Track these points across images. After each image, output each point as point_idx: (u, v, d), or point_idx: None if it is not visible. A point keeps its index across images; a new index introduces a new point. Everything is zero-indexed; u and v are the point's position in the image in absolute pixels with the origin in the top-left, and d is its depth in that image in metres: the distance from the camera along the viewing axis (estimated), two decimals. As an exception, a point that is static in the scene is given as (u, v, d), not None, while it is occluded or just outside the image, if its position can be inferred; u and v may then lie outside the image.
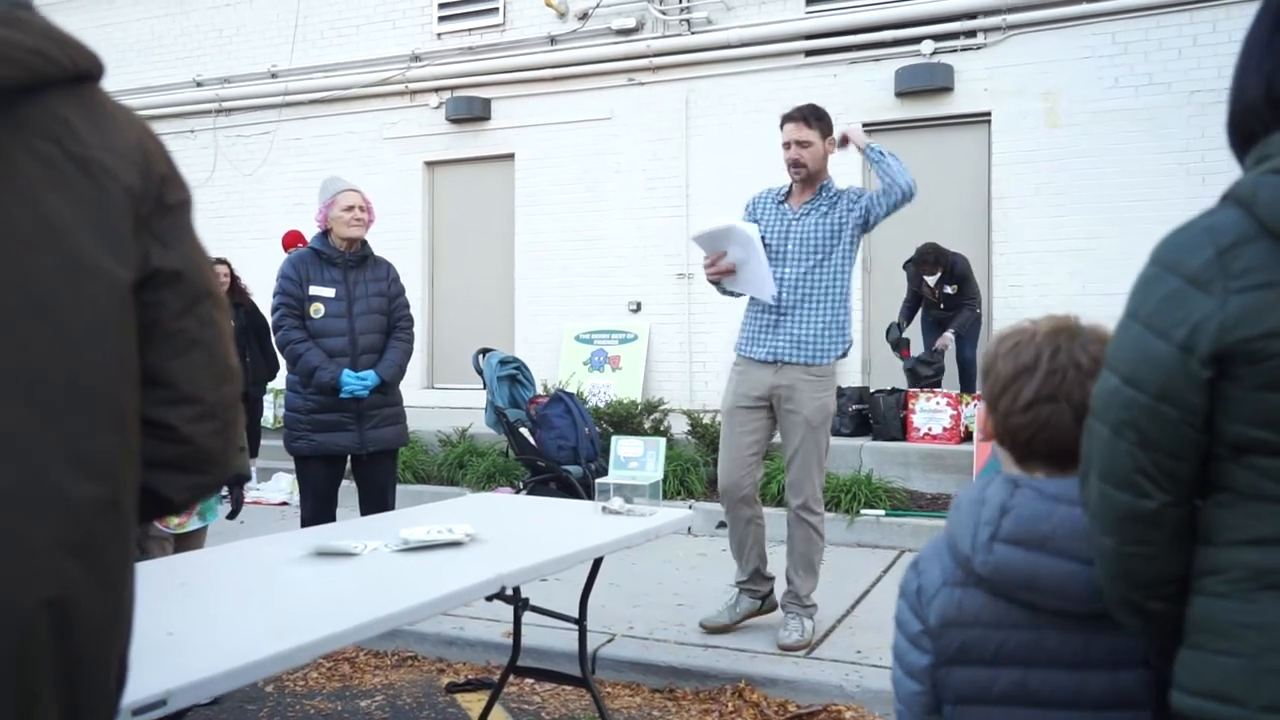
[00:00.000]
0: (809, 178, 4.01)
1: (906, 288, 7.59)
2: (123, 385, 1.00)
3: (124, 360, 1.00)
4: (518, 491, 6.15)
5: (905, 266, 7.53)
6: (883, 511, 5.85)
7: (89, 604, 0.94)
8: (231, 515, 3.56)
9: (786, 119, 4.02)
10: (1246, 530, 1.11)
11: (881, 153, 3.93)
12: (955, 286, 7.35)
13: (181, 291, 1.06)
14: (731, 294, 4.11)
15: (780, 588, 4.14)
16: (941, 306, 7.42)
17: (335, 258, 4.19)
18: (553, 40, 9.45)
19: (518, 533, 2.89)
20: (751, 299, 4.07)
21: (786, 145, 3.99)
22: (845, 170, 8.48)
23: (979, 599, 1.34)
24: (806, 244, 3.97)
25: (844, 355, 4.07)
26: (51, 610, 0.90)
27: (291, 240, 7.78)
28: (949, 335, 7.28)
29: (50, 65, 0.95)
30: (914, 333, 7.70)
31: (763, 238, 3.99)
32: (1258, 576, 1.09)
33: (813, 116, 4.00)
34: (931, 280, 7.36)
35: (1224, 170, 6.44)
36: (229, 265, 7.32)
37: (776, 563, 4.18)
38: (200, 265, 1.10)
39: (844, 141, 4.02)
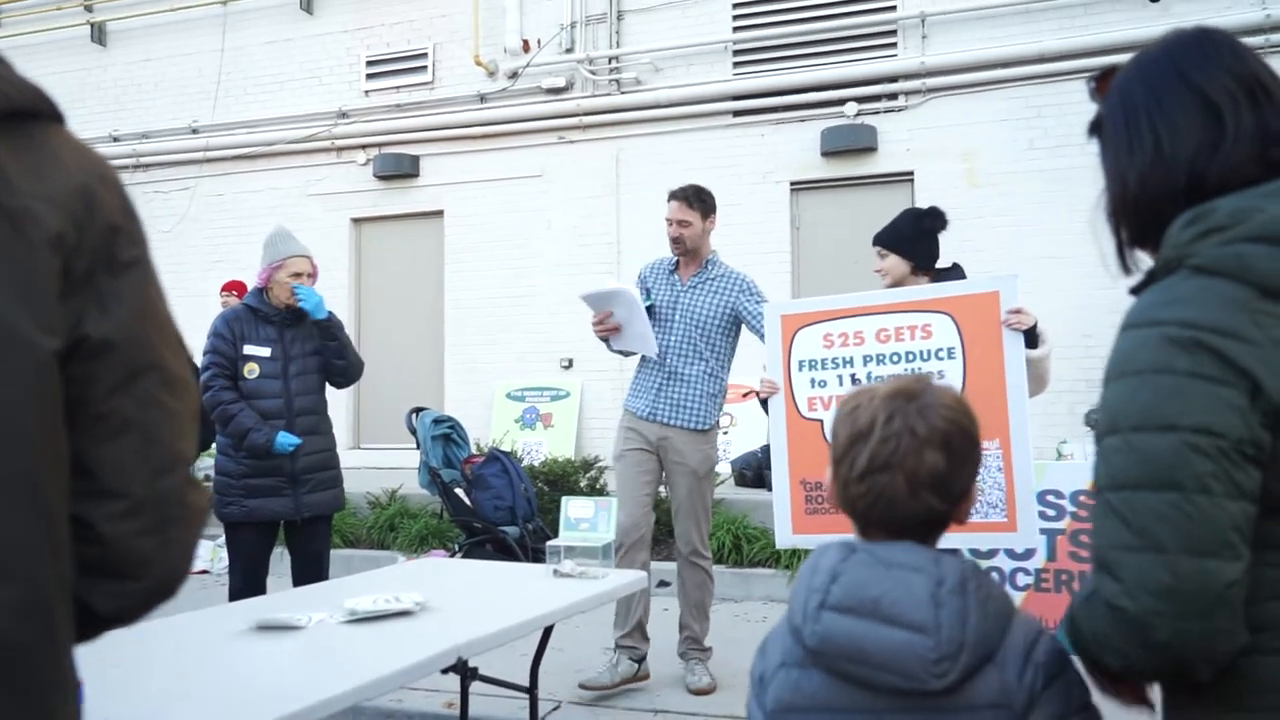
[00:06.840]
0: (689, 253, 4.21)
1: None
2: (43, 468, 0.86)
3: (46, 440, 0.87)
4: (452, 554, 6.00)
5: None
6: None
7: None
8: None
9: (671, 196, 4.24)
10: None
11: None
12: None
13: (114, 365, 0.91)
14: (620, 353, 4.37)
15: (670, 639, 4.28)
16: None
17: (272, 315, 4.07)
18: (482, 98, 9.47)
19: (469, 599, 2.80)
20: (642, 360, 4.29)
21: (669, 221, 4.20)
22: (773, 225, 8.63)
23: (816, 679, 1.25)
24: (692, 316, 4.18)
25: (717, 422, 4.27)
26: None
27: (231, 287, 7.47)
28: None
29: None
30: None
31: (654, 305, 4.21)
32: None
33: (695, 198, 4.19)
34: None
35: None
36: None
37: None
38: (145, 334, 0.95)
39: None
